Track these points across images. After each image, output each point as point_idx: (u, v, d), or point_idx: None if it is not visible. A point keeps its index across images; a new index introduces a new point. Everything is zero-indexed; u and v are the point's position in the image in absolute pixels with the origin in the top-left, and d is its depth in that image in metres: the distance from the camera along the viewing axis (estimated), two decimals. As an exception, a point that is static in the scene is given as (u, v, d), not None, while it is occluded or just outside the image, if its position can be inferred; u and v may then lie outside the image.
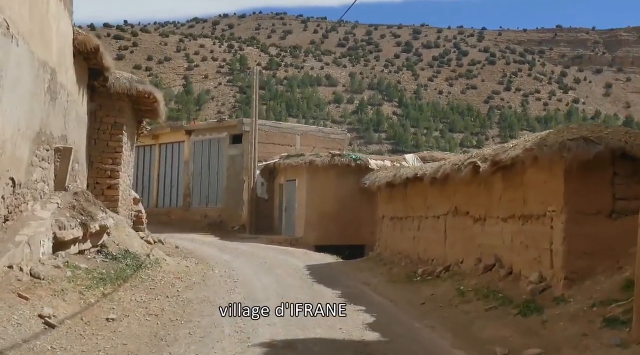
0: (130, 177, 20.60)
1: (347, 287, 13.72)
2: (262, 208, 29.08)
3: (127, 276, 12.49)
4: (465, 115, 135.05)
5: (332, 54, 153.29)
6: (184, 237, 26.49)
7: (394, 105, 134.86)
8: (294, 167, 27.00)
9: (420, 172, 14.82)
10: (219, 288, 13.20)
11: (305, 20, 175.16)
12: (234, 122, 29.86)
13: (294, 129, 30.63)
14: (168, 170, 32.93)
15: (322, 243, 26.26)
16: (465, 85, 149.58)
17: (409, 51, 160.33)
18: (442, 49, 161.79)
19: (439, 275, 12.99)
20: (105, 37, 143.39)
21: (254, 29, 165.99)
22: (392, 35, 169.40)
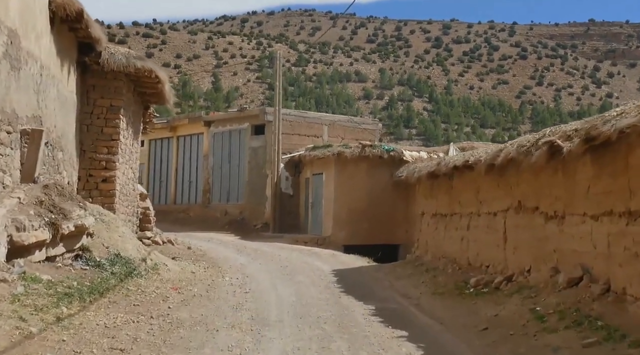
0: (135, 170, 18.00)
1: (382, 301, 10.90)
2: (287, 204, 26.36)
3: (108, 288, 9.82)
4: (496, 111, 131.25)
5: (361, 49, 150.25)
6: (201, 236, 23.92)
7: (424, 101, 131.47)
8: (321, 159, 24.21)
9: (471, 159, 11.89)
10: (223, 302, 10.47)
11: (333, 16, 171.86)
12: (256, 111, 27.15)
13: (321, 119, 27.85)
14: (186, 164, 30.36)
15: (351, 242, 23.49)
16: (496, 80, 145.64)
17: (439, 46, 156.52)
18: (472, 43, 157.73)
19: (498, 287, 10.09)
20: (134, 35, 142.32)
21: (283, 25, 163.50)
22: (422, 30, 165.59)
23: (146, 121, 19.24)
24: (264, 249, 20.69)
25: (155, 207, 30.84)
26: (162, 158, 31.46)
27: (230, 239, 23.80)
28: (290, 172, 26.65)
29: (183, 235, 23.70)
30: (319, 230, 24.21)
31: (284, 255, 19.02)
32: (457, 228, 13.35)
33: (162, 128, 30.80)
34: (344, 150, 23.58)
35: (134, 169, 17.60)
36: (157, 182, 31.54)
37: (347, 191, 23.73)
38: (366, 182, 23.89)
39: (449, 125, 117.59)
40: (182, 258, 16.45)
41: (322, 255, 19.28)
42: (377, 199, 23.86)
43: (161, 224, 28.70)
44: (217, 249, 19.99)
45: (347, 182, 23.77)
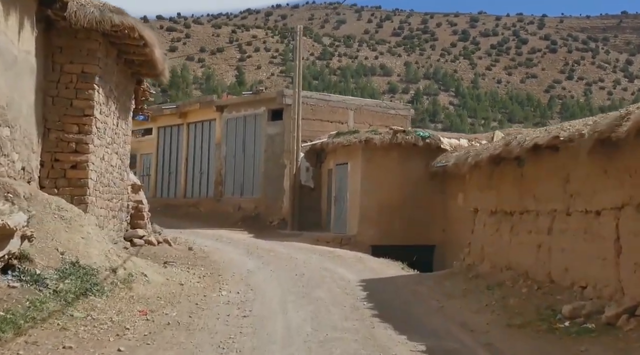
0: (124, 157, 14.93)
1: (434, 335, 7.59)
2: (307, 198, 23.12)
3: (37, 317, 6.67)
4: (524, 105, 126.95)
5: (386, 43, 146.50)
6: (210, 234, 20.80)
7: (450, 95, 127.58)
8: (346, 147, 20.90)
9: (563, 134, 8.46)
10: (206, 337, 7.25)
11: (358, 9, 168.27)
12: (273, 93, 23.91)
13: (346, 102, 24.54)
14: (197, 153, 27.24)
15: (380, 243, 20.21)
16: (524, 73, 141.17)
17: (466, 39, 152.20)
18: (500, 36, 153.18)
19: (614, 324, 6.73)
20: (158, 29, 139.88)
21: (307, 19, 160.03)
22: (449, 23, 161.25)
23: (140, 99, 16.08)
24: (279, 249, 17.49)
25: (164, 201, 27.85)
26: (172, 147, 28.39)
27: (242, 238, 20.63)
28: (311, 163, 23.42)
29: (189, 233, 20.68)
30: (343, 228, 20.93)
31: (302, 258, 15.79)
32: (531, 231, 9.95)
33: (171, 114, 27.74)
34: (373, 137, 20.26)
35: (121, 155, 14.47)
36: (166, 173, 28.48)
37: (376, 184, 20.41)
38: (398, 173, 20.55)
39: (475, 119, 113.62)
40: (176, 263, 13.32)
41: (347, 259, 16.00)
42: (410, 192, 20.52)
43: (169, 219, 25.64)
44: (224, 249, 16.83)
45: (375, 173, 20.45)
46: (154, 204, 27.71)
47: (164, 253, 14.58)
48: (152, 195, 28.60)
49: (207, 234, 20.78)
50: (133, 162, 30.67)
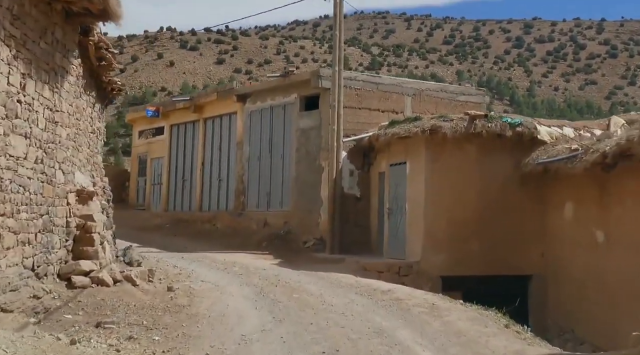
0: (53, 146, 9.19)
1: None
2: (351, 211, 17.24)
3: None
4: (584, 113, 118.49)
5: (437, 51, 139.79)
6: (219, 260, 15.16)
7: (504, 103, 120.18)
8: (404, 139, 14.91)
9: None
10: None
11: (408, 18, 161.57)
12: (306, 75, 18.08)
13: (402, 86, 18.53)
14: (215, 156, 21.62)
15: (452, 272, 14.32)
16: (583, 80, 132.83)
17: (520, 46, 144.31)
18: (556, 42, 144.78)
19: None
20: (205, 41, 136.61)
21: (355, 29, 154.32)
22: (502, 30, 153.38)
23: (92, 57, 10.40)
24: (308, 287, 11.61)
25: (175, 216, 22.19)
26: (186, 148, 22.86)
27: (262, 266, 14.80)
28: (356, 164, 17.53)
29: (193, 259, 15.12)
30: (401, 251, 14.92)
31: (340, 305, 9.89)
32: None
33: (184, 108, 22.23)
34: (441, 125, 14.25)
35: (45, 143, 8.76)
36: (180, 181, 22.92)
37: (446, 190, 14.39)
38: (475, 175, 14.52)
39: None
40: (121, 323, 7.66)
41: (413, 309, 9.92)
42: (493, 201, 14.46)
43: (175, 239, 19.95)
44: (226, 289, 11.08)
45: (445, 175, 14.43)
46: (163, 220, 22.22)
47: (117, 300, 8.98)
48: (163, 209, 23.09)
49: (217, 261, 15.09)
50: (143, 168, 25.36)
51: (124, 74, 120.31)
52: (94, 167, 12.36)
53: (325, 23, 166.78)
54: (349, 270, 14.42)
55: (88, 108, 11.53)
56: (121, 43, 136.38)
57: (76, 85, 9.85)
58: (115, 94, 13.23)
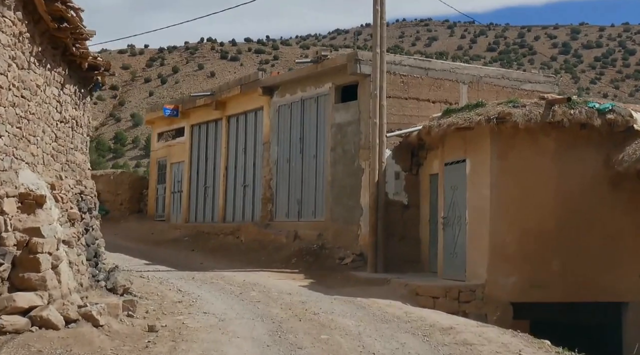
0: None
1: None
2: (397, 220, 14.24)
3: None
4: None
5: (481, 58, 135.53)
6: (237, 282, 12.37)
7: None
8: (463, 131, 11.83)
9: None
10: None
11: (451, 25, 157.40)
12: (342, 59, 15.15)
13: (457, 72, 15.44)
14: (239, 158, 18.82)
15: (526, 298, 11.28)
16: (633, 86, 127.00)
17: (567, 52, 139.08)
18: (604, 48, 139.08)
19: None
20: (246, 51, 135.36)
21: (397, 36, 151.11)
22: (547, 36, 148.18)
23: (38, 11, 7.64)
24: (343, 323, 8.65)
25: (196, 228, 19.20)
26: (208, 151, 20.13)
27: (288, 288, 11.88)
28: (402, 164, 14.52)
29: (207, 279, 12.53)
30: (460, 271, 11.82)
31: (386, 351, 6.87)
32: None
33: (205, 105, 19.53)
34: (511, 111, 11.13)
35: None
36: (201, 188, 20.18)
37: (518, 194, 11.28)
38: (555, 174, 11.40)
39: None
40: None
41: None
42: (578, 209, 11.32)
43: (192, 254, 17.16)
44: (229, 328, 8.30)
45: (516, 175, 11.32)
46: (182, 233, 19.48)
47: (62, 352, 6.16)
48: (183, 220, 20.39)
49: (234, 282, 12.28)
50: (162, 174, 22.74)
51: (165, 85, 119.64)
52: (66, 166, 9.65)
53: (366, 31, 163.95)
54: (395, 295, 11.41)
55: (53, 88, 8.82)
56: (162, 55, 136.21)
57: (16, 49, 7.12)
58: (99, 76, 10.51)
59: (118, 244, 18.02)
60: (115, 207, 22.62)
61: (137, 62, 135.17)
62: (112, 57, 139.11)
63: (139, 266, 14.28)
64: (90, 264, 9.55)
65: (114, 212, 22.52)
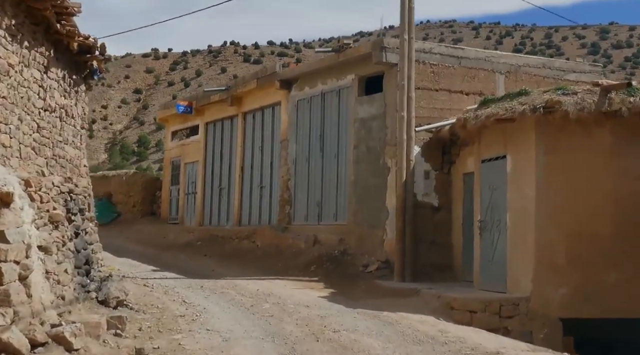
0: None
1: None
2: (426, 224, 12.86)
3: None
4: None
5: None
6: (249, 291, 11.08)
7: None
8: (503, 124, 10.42)
9: None
10: None
11: (476, 26, 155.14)
12: (366, 47, 13.79)
13: (492, 61, 14.01)
14: (256, 157, 17.55)
15: (578, 313, 9.87)
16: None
17: (596, 53, 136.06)
18: (635, 48, 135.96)
19: None
20: (268, 54, 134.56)
21: (422, 38, 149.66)
22: (576, 36, 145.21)
23: None
24: (368, 345, 7.38)
25: (210, 232, 17.90)
26: (223, 150, 18.89)
27: (306, 300, 10.57)
28: (432, 162, 13.14)
29: (217, 288, 11.38)
30: (500, 281, 10.40)
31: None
32: None
33: (220, 101, 18.29)
34: (561, 100, 9.71)
35: None
36: (216, 190, 18.93)
37: (568, 194, 9.84)
38: (612, 171, 9.95)
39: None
40: None
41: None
42: (637, 211, 9.78)
43: (205, 260, 15.93)
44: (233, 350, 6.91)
45: (566, 172, 9.89)
46: (195, 236, 18.22)
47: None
48: (197, 223, 19.19)
49: (246, 292, 11.02)
50: (176, 175, 21.56)
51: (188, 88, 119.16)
52: (53, 161, 8.43)
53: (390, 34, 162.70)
54: (427, 309, 10.02)
55: (33, 70, 7.62)
56: (185, 58, 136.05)
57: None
58: (93, 60, 9.29)
59: (127, 248, 16.87)
60: (128, 209, 21.48)
61: (160, 66, 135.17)
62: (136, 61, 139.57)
63: (146, 273, 13.07)
64: (79, 273, 8.32)
65: (126, 215, 21.38)
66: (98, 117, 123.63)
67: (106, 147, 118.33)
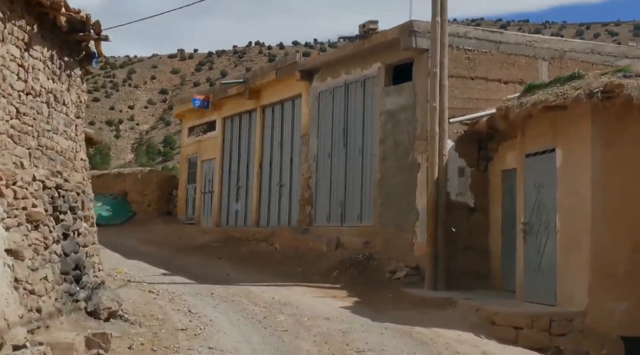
0: None
1: None
2: (462, 227, 11.60)
3: None
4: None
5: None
6: (263, 300, 9.82)
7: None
8: (551, 113, 9.08)
9: None
10: None
11: (504, 24, 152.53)
12: (393, 32, 12.50)
13: (534, 47, 12.65)
14: (275, 154, 16.37)
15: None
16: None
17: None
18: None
19: None
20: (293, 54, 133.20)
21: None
22: (608, 33, 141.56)
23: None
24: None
25: (227, 233, 16.59)
26: (241, 147, 17.73)
27: (326, 312, 9.39)
28: (467, 158, 11.85)
29: (229, 295, 10.42)
30: (549, 292, 9.09)
31: None
32: None
33: (238, 94, 17.15)
34: (622, 82, 8.34)
35: None
36: (233, 188, 17.79)
37: (631, 193, 8.50)
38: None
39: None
40: None
41: None
42: None
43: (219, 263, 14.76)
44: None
45: (629, 168, 8.54)
46: (211, 238, 17.08)
47: None
48: (214, 224, 18.10)
49: (260, 301, 9.89)
50: (193, 173, 20.47)
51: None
52: (38, 152, 7.31)
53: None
54: (464, 324, 8.76)
55: (10, 46, 6.51)
56: (211, 59, 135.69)
57: None
58: (87, 40, 8.16)
59: (139, 249, 15.81)
60: (142, 208, 20.43)
61: (186, 67, 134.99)
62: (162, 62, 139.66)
63: (154, 277, 11.95)
64: (66, 280, 7.20)
65: (141, 214, 20.33)
66: (125, 118, 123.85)
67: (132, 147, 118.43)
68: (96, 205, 20.63)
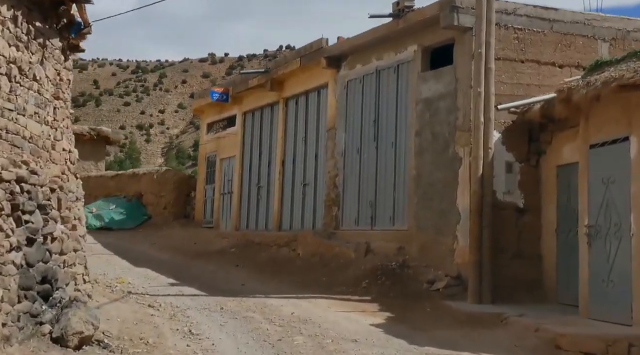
0: None
1: None
2: (508, 230, 10.03)
3: None
4: None
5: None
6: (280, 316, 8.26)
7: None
8: (623, 94, 7.46)
9: None
10: None
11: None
12: (432, 9, 10.96)
13: (593, 26, 10.98)
14: (299, 150, 14.91)
15: None
16: None
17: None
18: None
19: None
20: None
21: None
22: None
23: None
24: None
25: (247, 236, 14.83)
26: (262, 143, 16.31)
27: (353, 331, 7.89)
28: (516, 152, 10.29)
29: (242, 310, 9.24)
30: (622, 309, 7.48)
31: None
32: None
33: (259, 86, 15.75)
34: None
35: None
36: (254, 188, 16.37)
37: None
38: None
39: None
40: None
41: None
42: None
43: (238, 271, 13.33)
44: None
45: None
46: (230, 242, 15.60)
47: None
48: (234, 227, 16.72)
49: (276, 316, 8.48)
50: (211, 173, 19.12)
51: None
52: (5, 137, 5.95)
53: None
54: (521, 348, 7.26)
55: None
56: (241, 63, 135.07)
57: None
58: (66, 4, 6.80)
59: (150, 255, 14.50)
60: (158, 211, 19.12)
61: (217, 70, 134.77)
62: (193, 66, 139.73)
63: (160, 287, 10.56)
64: (27, 297, 5.80)
65: (156, 218, 19.02)
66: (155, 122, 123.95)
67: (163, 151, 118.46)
68: (109, 208, 19.59)
